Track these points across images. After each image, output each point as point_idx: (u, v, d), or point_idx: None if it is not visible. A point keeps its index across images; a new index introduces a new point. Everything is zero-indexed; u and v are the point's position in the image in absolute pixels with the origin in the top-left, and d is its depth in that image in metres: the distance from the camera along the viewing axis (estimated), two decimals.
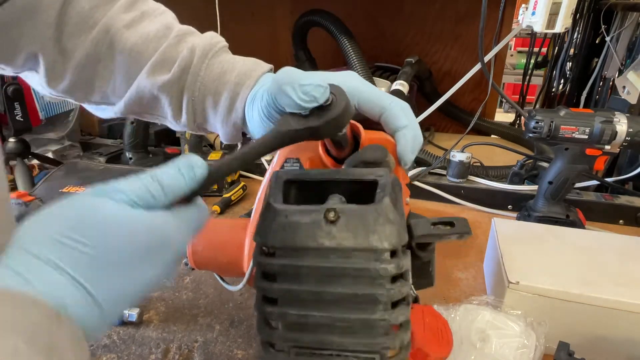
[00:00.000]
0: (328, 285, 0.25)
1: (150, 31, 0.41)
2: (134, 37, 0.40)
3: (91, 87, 0.42)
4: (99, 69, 0.41)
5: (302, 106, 0.30)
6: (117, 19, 0.40)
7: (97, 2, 0.40)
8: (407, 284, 0.26)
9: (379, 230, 0.25)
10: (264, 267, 0.27)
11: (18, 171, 0.93)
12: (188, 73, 0.41)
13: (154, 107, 0.43)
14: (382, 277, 0.25)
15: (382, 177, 0.28)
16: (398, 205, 0.27)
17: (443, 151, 1.04)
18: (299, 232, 0.25)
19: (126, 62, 0.41)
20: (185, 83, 0.41)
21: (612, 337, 0.48)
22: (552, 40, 1.45)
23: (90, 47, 0.40)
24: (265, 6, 1.39)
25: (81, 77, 0.41)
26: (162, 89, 0.41)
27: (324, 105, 0.30)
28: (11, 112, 0.97)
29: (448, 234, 0.30)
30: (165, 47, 0.40)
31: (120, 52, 0.40)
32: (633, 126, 0.64)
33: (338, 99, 0.31)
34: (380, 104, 0.36)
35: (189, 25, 0.44)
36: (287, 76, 0.31)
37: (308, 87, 0.30)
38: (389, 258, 0.25)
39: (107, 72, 0.41)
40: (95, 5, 0.40)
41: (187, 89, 0.41)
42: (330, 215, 0.25)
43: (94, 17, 0.40)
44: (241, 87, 0.39)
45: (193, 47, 0.41)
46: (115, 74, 0.41)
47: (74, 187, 0.87)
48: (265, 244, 0.26)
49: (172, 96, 0.41)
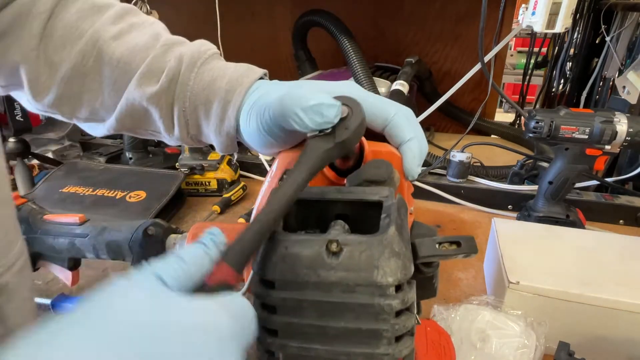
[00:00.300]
0: (330, 320, 0.24)
1: (138, 42, 0.40)
2: (121, 49, 0.39)
3: (79, 101, 0.41)
4: (87, 82, 0.40)
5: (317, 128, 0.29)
6: (105, 31, 0.39)
7: (84, 14, 0.39)
8: (411, 316, 0.25)
9: (383, 265, 0.24)
10: (263, 299, 0.26)
11: (18, 171, 0.93)
12: (177, 83, 0.39)
13: (145, 121, 0.42)
14: (386, 313, 0.24)
15: (387, 198, 0.27)
16: (404, 232, 0.26)
17: (443, 151, 1.04)
18: (300, 264, 0.24)
19: (114, 74, 0.39)
20: (175, 94, 0.40)
21: (612, 337, 0.48)
22: (552, 40, 1.45)
23: (77, 59, 0.39)
24: (265, 6, 1.39)
25: (68, 90, 0.40)
26: (151, 101, 0.39)
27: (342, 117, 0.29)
28: (11, 112, 0.97)
29: (454, 254, 0.29)
30: (151, 58, 0.39)
31: (107, 64, 0.39)
32: (633, 126, 0.64)
33: (354, 108, 0.30)
34: (383, 115, 0.34)
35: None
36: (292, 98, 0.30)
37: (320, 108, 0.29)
38: (393, 293, 0.24)
39: (95, 84, 0.40)
40: (82, 17, 0.39)
41: (177, 100, 0.40)
42: (333, 246, 0.24)
43: (81, 29, 0.39)
44: (232, 95, 0.38)
45: (181, 56, 0.40)
46: (103, 87, 0.40)
47: (74, 187, 0.87)
48: (264, 276, 0.25)
49: (161, 108, 0.40)
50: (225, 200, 0.88)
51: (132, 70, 0.39)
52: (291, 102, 0.30)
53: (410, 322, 0.25)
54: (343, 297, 0.24)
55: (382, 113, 0.34)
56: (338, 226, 0.28)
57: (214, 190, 0.93)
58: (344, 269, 0.24)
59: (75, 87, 0.40)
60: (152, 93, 0.39)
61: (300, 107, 0.29)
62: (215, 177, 0.92)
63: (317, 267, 0.24)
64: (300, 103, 0.29)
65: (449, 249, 0.29)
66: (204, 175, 0.92)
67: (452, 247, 0.29)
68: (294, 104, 0.30)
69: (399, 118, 0.34)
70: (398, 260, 0.24)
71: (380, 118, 0.34)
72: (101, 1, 0.41)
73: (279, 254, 0.25)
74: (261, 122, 0.35)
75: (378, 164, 0.31)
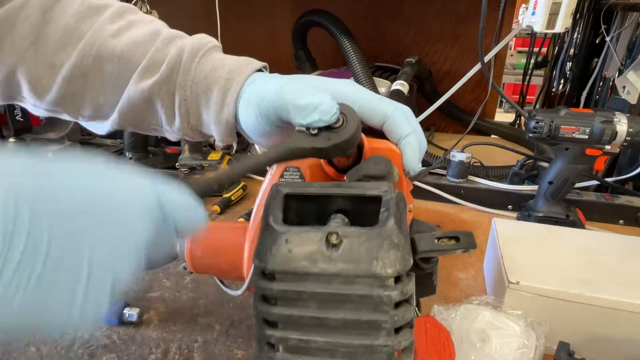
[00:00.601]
0: (330, 311, 0.25)
1: (137, 37, 0.40)
2: (121, 45, 0.40)
3: (82, 99, 0.42)
4: (89, 80, 0.41)
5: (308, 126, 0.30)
6: (104, 30, 0.40)
7: (82, 15, 0.40)
8: (411, 308, 0.26)
9: (382, 257, 0.24)
10: (264, 291, 0.26)
11: None
12: (178, 72, 0.40)
13: (147, 113, 0.42)
14: (385, 304, 0.24)
15: (386, 192, 0.27)
16: (403, 225, 0.26)
17: (443, 151, 1.04)
18: (300, 256, 0.25)
19: (115, 69, 0.40)
20: (176, 83, 0.40)
21: (612, 337, 0.48)
22: (552, 40, 1.45)
23: (77, 58, 0.39)
24: (265, 6, 1.39)
25: (70, 89, 0.41)
26: (152, 91, 0.40)
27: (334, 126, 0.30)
28: (11, 112, 0.97)
29: (453, 249, 0.30)
30: (153, 52, 0.40)
31: (108, 61, 0.40)
32: (633, 126, 0.64)
33: (349, 121, 0.30)
34: (381, 112, 0.35)
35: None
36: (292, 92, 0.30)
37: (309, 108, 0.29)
38: (393, 284, 0.24)
39: (96, 82, 0.41)
40: (81, 19, 0.40)
41: (179, 88, 0.40)
42: (333, 238, 0.25)
43: (80, 30, 0.39)
44: (232, 83, 0.39)
45: (182, 47, 0.40)
46: (105, 84, 0.41)
47: None
48: (265, 268, 0.26)
49: (163, 98, 0.41)
50: (225, 200, 0.88)
51: (133, 64, 0.40)
52: (287, 94, 0.31)
53: (410, 314, 0.26)
54: (343, 289, 0.24)
55: (380, 110, 0.35)
56: (338, 219, 0.28)
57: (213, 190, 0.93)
58: (344, 261, 0.24)
59: (77, 86, 0.41)
60: (153, 82, 0.40)
61: (293, 102, 0.30)
62: None
63: (317, 259, 0.25)
64: (294, 97, 0.30)
65: (448, 244, 0.30)
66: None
67: (451, 242, 0.30)
68: (289, 96, 0.30)
69: (397, 114, 0.34)
70: (397, 251, 0.25)
71: (378, 115, 0.35)
72: (98, 2, 0.42)
73: (279, 246, 0.25)
74: (260, 110, 0.36)
75: (377, 160, 0.31)
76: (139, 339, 0.53)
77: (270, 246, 0.26)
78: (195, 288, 0.63)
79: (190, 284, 0.63)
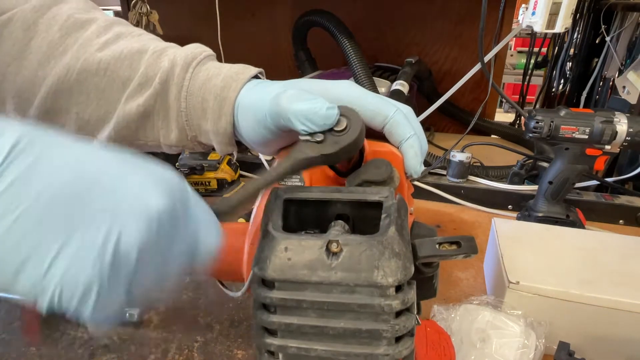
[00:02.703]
0: (330, 320, 0.25)
1: (124, 49, 0.40)
2: (107, 58, 0.39)
3: (67, 114, 0.41)
4: (74, 94, 0.40)
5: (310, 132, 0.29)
6: (90, 45, 0.39)
7: (68, 30, 0.39)
8: (412, 316, 0.25)
9: (383, 265, 0.24)
10: (263, 299, 0.26)
11: None
12: (171, 84, 0.39)
13: (143, 128, 0.41)
14: (386, 313, 0.24)
15: (387, 198, 0.27)
16: (404, 232, 0.26)
17: (443, 151, 1.04)
18: (300, 264, 0.25)
19: (101, 83, 0.39)
20: (170, 95, 0.39)
21: (612, 337, 0.48)
22: (552, 40, 1.45)
23: (62, 73, 0.39)
24: (266, 6, 1.39)
25: (55, 104, 0.40)
26: (147, 106, 0.39)
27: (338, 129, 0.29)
28: None
29: (454, 254, 0.29)
30: (145, 68, 0.39)
31: (94, 75, 0.39)
32: (633, 126, 0.64)
33: (353, 123, 0.30)
34: (382, 113, 0.34)
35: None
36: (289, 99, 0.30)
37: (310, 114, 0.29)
38: (394, 293, 0.24)
39: (82, 97, 0.40)
40: (66, 34, 0.39)
41: (174, 101, 0.40)
42: (333, 247, 0.24)
43: (65, 44, 0.39)
44: (228, 91, 0.38)
45: (174, 59, 0.40)
46: (91, 99, 0.40)
47: None
48: (264, 276, 0.25)
49: (158, 111, 0.40)
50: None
51: (120, 78, 0.39)
52: (284, 102, 0.30)
53: (411, 322, 0.25)
54: (343, 298, 0.24)
55: (381, 111, 0.34)
56: (338, 226, 0.28)
57: (214, 190, 0.93)
58: (344, 270, 0.24)
59: (62, 101, 0.40)
60: (147, 96, 0.39)
61: (292, 109, 0.29)
62: (215, 177, 0.92)
63: (317, 267, 0.24)
64: (291, 104, 0.29)
65: (449, 249, 0.29)
66: (203, 175, 0.92)
67: (452, 248, 0.29)
68: (286, 104, 0.30)
69: (398, 116, 0.34)
70: (398, 260, 0.24)
71: (379, 116, 0.34)
72: (84, 17, 0.41)
73: (278, 254, 0.25)
74: (257, 119, 0.35)
75: (378, 164, 0.31)
76: (139, 339, 0.53)
77: (270, 254, 0.25)
78: (195, 288, 0.62)
79: (190, 284, 0.63)
